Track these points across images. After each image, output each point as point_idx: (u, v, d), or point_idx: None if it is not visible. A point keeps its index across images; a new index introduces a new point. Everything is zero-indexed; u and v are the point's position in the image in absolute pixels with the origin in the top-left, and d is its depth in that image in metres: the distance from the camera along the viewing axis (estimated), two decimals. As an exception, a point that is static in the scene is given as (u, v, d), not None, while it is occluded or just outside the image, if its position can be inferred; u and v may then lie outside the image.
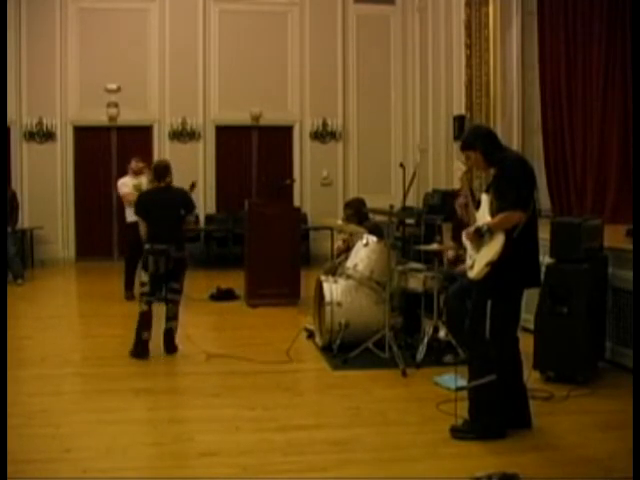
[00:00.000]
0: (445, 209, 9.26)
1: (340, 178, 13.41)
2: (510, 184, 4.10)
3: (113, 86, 12.66)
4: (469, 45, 10.34)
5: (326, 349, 6.13)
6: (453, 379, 4.63)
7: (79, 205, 12.87)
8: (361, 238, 6.48)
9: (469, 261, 4.27)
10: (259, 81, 12.91)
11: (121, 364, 5.79)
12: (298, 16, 13.13)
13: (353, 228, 6.89)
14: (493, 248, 4.06)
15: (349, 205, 7.46)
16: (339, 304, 6.16)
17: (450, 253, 6.41)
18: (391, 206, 6.46)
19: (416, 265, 6.57)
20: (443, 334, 5.91)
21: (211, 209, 13.09)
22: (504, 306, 4.14)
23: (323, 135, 13.28)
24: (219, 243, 12.73)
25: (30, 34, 12.44)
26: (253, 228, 8.56)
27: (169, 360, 6.05)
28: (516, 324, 4.32)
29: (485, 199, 4.24)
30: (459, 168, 4.41)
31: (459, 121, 10.53)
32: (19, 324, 7.61)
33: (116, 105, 12.71)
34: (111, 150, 12.94)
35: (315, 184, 13.31)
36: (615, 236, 5.97)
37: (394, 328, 6.03)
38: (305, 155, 13.32)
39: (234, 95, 12.88)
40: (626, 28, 7.89)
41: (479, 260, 4.13)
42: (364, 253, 6.35)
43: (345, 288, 6.29)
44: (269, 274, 8.38)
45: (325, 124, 13.23)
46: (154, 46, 12.79)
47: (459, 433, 4.14)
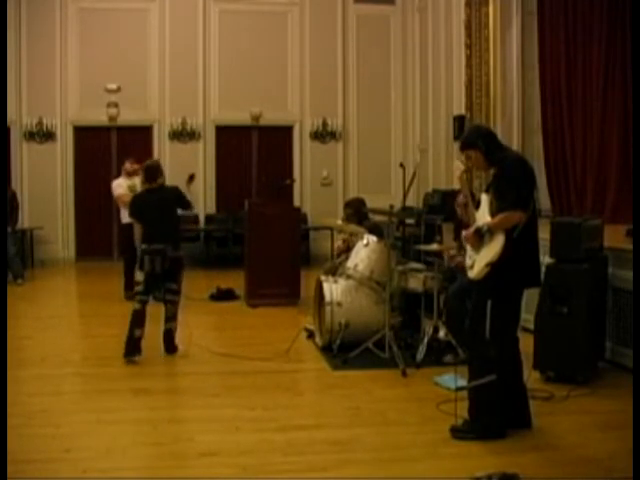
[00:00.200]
0: (445, 209, 9.26)
1: (340, 178, 13.42)
2: (510, 184, 4.10)
3: (113, 86, 12.67)
4: (469, 45, 10.34)
5: (326, 349, 6.13)
6: (453, 379, 4.63)
7: (79, 205, 12.88)
8: (361, 238, 6.48)
9: (469, 261, 4.27)
10: (259, 81, 12.91)
11: (121, 364, 5.78)
12: (298, 16, 13.13)
13: (353, 228, 6.89)
14: (493, 248, 4.06)
15: (349, 205, 7.46)
16: (339, 304, 6.16)
17: (451, 253, 6.40)
18: (391, 206, 6.45)
19: (416, 265, 6.57)
20: (443, 334, 5.90)
21: (211, 209, 13.09)
22: (504, 306, 4.14)
23: (323, 135, 13.28)
24: (219, 243, 12.73)
25: (30, 34, 12.45)
26: (253, 228, 8.56)
27: (169, 360, 6.05)
28: (516, 324, 4.32)
29: (485, 199, 4.24)
30: (458, 167, 4.40)
31: (459, 121, 10.53)
32: (19, 324, 7.61)
33: (116, 105, 12.71)
34: (111, 150, 12.93)
35: (315, 184, 13.31)
36: (615, 236, 5.97)
37: (394, 328, 6.03)
38: (305, 155, 13.32)
39: (234, 95, 12.89)
40: (626, 28, 7.89)
41: (479, 260, 4.13)
42: (364, 253, 6.35)
43: (345, 288, 6.29)
44: (269, 274, 8.38)
45: (325, 124, 13.23)
46: (154, 46, 12.79)
47: (459, 433, 4.14)
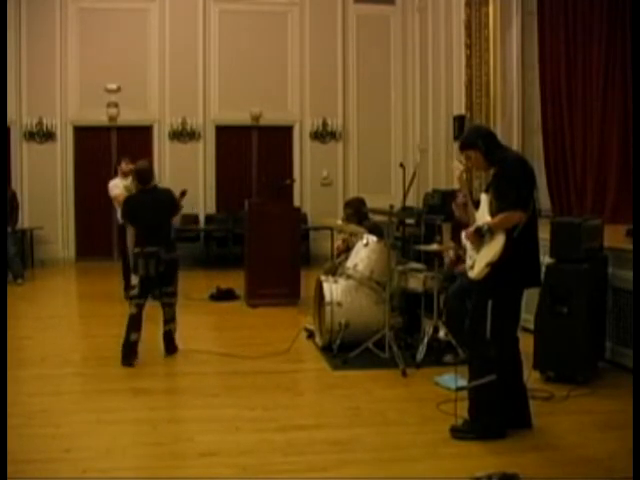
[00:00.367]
0: (445, 209, 9.24)
1: (340, 178, 13.41)
2: (510, 184, 4.09)
3: (113, 86, 12.67)
4: (469, 45, 10.34)
5: (326, 349, 6.13)
6: (453, 379, 4.63)
7: (79, 205, 12.89)
8: (361, 238, 6.48)
9: (469, 261, 4.27)
10: (259, 81, 12.91)
11: (121, 364, 5.77)
12: (298, 16, 13.13)
13: (353, 228, 6.89)
14: (493, 248, 4.06)
15: (349, 204, 7.45)
16: (339, 304, 6.16)
17: (451, 253, 6.41)
18: (391, 206, 6.45)
19: (416, 265, 6.57)
20: (443, 334, 5.90)
21: (211, 209, 13.09)
22: (504, 306, 4.14)
23: (323, 135, 13.28)
24: (219, 243, 12.73)
25: (30, 34, 12.45)
26: (253, 228, 8.56)
27: (169, 360, 6.04)
28: (516, 324, 4.32)
29: (484, 199, 4.24)
30: (457, 167, 4.39)
31: (459, 121, 10.53)
32: (19, 324, 7.61)
33: (116, 105, 12.71)
34: (111, 150, 12.92)
35: (315, 184, 13.31)
36: (615, 236, 5.97)
37: (394, 328, 6.03)
38: (305, 155, 13.32)
39: (234, 95, 12.89)
40: (626, 28, 7.88)
41: (479, 260, 4.13)
42: (364, 253, 6.35)
43: (345, 288, 6.28)
44: (269, 274, 8.38)
45: (325, 124, 13.23)
46: (154, 46, 12.79)
47: (459, 433, 4.14)
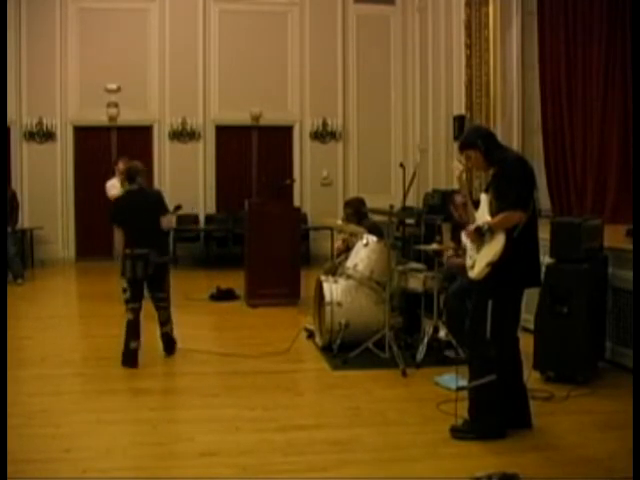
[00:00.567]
0: (445, 209, 9.25)
1: (340, 178, 13.41)
2: (510, 184, 4.09)
3: (113, 86, 12.66)
4: (469, 45, 10.34)
5: (326, 349, 6.13)
6: (453, 379, 4.63)
7: (79, 205, 12.89)
8: (361, 238, 6.48)
9: (469, 261, 4.26)
10: (259, 81, 12.91)
11: (121, 364, 5.77)
12: (298, 16, 13.13)
13: (353, 228, 6.89)
14: (493, 248, 4.06)
15: (349, 204, 7.46)
16: (339, 304, 6.15)
17: (450, 253, 6.41)
18: (391, 206, 6.45)
19: (416, 265, 6.57)
20: (443, 334, 5.91)
21: (211, 209, 13.09)
22: (504, 306, 4.14)
23: (323, 135, 13.28)
24: (219, 243, 12.73)
25: (30, 34, 12.45)
26: (253, 228, 8.56)
27: (168, 360, 6.04)
28: (516, 324, 4.32)
29: (484, 199, 4.24)
30: (457, 167, 4.39)
31: (459, 121, 10.52)
32: (19, 324, 7.60)
33: (116, 105, 12.71)
34: (111, 150, 12.91)
35: (315, 184, 13.30)
36: (615, 236, 5.97)
37: (394, 328, 6.03)
38: (305, 155, 13.32)
39: (234, 95, 12.89)
40: (626, 28, 7.88)
41: (479, 260, 4.13)
42: (364, 253, 6.35)
43: (345, 288, 6.28)
44: (269, 274, 8.38)
45: (325, 124, 13.23)
46: (154, 46, 12.79)
47: (459, 433, 4.14)
